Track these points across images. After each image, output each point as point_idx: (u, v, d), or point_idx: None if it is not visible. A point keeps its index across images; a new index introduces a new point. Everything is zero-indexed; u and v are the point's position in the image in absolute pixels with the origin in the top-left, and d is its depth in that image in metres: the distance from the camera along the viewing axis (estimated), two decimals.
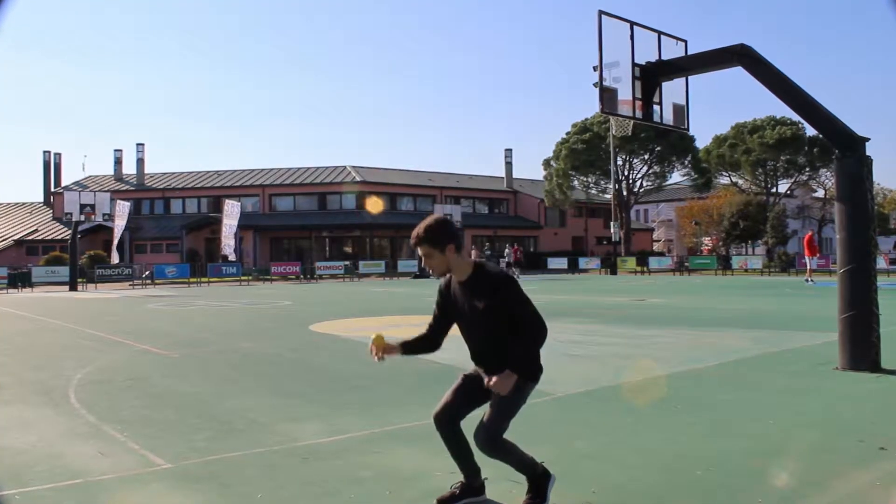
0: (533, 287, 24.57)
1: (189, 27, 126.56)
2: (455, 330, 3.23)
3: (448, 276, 3.16)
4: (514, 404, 3.02)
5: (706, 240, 50.58)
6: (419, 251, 3.08)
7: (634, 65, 7.75)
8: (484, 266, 3.07)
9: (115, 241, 36.01)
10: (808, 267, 24.00)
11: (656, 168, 48.18)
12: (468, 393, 3.15)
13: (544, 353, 3.03)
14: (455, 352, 3.26)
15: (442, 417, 3.15)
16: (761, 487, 3.43)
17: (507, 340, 2.97)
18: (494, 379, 2.91)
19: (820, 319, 10.98)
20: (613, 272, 38.25)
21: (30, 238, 48.01)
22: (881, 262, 26.71)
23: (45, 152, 57.52)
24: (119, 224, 35.14)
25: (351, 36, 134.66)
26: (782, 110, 48.59)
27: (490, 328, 3.01)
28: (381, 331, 3.35)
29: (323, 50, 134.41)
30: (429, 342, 3.26)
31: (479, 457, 3.12)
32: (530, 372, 2.99)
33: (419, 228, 3.07)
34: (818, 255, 24.82)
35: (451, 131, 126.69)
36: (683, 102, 8.43)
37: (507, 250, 37.49)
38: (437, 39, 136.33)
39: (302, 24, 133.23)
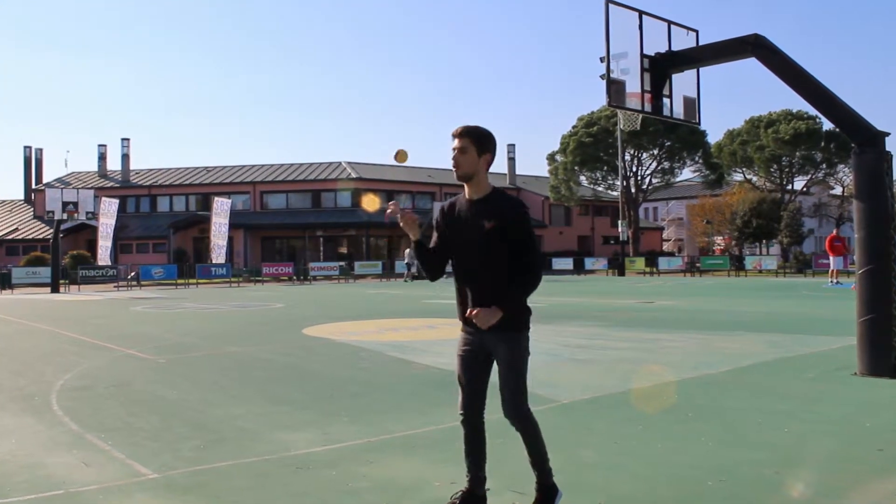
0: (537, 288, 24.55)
1: (177, 16, 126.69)
2: (449, 333, 3.22)
3: (456, 198, 3.15)
4: (523, 360, 3.04)
5: (718, 239, 50.64)
6: (456, 143, 3.03)
7: (643, 56, 7.75)
8: (503, 191, 3.10)
9: (101, 241, 35.96)
10: (833, 268, 23.84)
11: (666, 164, 48.21)
12: (471, 370, 3.12)
13: (547, 358, 3.03)
14: (453, 357, 3.25)
15: (465, 408, 3.11)
16: (776, 499, 3.42)
17: (504, 275, 2.97)
18: (478, 310, 2.89)
19: (838, 322, 10.98)
20: (621, 273, 38.25)
21: (10, 237, 48.03)
22: None
23: (25, 147, 57.52)
24: (107, 223, 35.12)
25: (346, 26, 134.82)
26: (798, 104, 48.69)
27: (493, 253, 2.99)
28: (378, 334, 3.33)
29: (317, 41, 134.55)
30: (437, 259, 3.18)
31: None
32: (524, 320, 3.02)
33: (464, 125, 3.05)
34: (845, 254, 24.39)
35: (450, 125, 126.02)
36: (695, 95, 8.42)
37: None
38: (435, 29, 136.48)
39: (295, 14, 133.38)
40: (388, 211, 3.13)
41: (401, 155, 3.15)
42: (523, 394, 3.05)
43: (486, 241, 2.98)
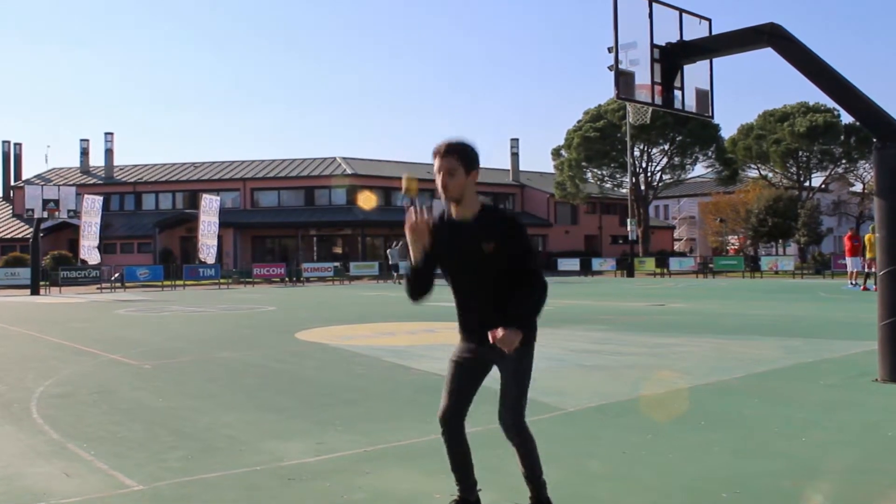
0: None
1: (162, 5, 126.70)
2: (449, 337, 3.22)
3: (441, 212, 3.09)
4: (528, 372, 3.06)
5: (732, 239, 50.61)
6: (442, 163, 2.97)
7: (653, 46, 7.75)
8: (492, 205, 3.07)
9: (83, 241, 35.90)
10: (850, 269, 23.74)
11: (677, 160, 48.19)
12: (465, 377, 3.14)
13: (553, 364, 3.05)
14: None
15: (449, 416, 3.12)
16: None
17: (506, 292, 2.99)
18: (500, 332, 2.85)
19: (858, 326, 10.98)
20: (630, 274, 38.27)
21: None
22: None
23: (3, 142, 57.54)
24: (89, 222, 35.09)
25: (341, 14, 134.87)
26: (815, 96, 48.74)
27: (495, 275, 2.99)
28: (374, 339, 3.33)
29: (309, 30, 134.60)
30: (425, 281, 3.12)
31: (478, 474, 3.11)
32: (532, 333, 3.03)
33: (448, 140, 2.99)
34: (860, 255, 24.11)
35: (451, 119, 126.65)
36: (707, 87, 8.42)
37: None
38: (435, 18, 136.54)
39: (286, 2, 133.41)
40: (408, 194, 3.08)
41: (410, 184, 3.10)
42: (524, 406, 3.09)
43: (488, 264, 2.98)
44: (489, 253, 2.96)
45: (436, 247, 3.05)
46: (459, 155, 2.98)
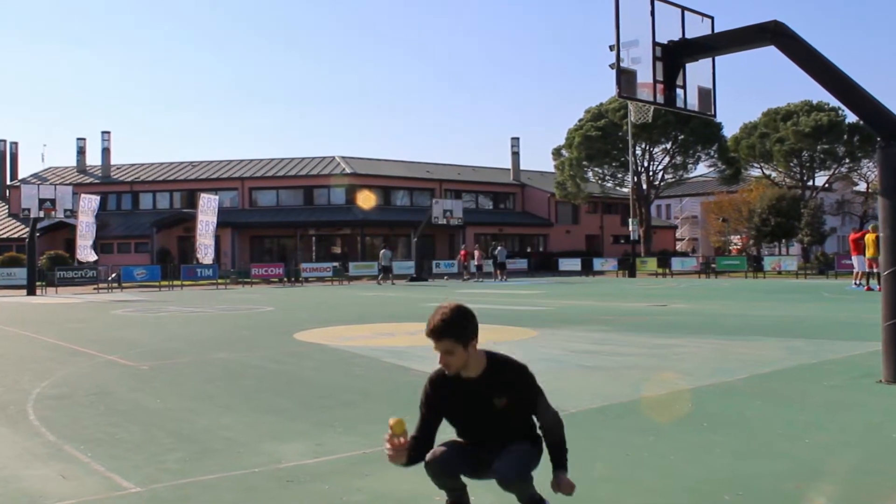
0: (542, 291, 24.59)
1: (160, 3, 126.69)
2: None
3: (443, 372, 3.06)
4: (536, 457, 3.16)
5: (735, 238, 50.66)
6: (437, 346, 2.96)
7: (655, 44, 7.74)
8: (496, 356, 3.07)
9: (80, 241, 35.92)
10: (857, 269, 23.58)
11: (679, 159, 48.23)
12: (471, 461, 3.12)
13: (553, 365, 3.08)
14: None
15: (443, 468, 3.06)
16: None
17: (520, 428, 3.09)
18: (565, 488, 3.08)
19: (862, 326, 10.98)
20: (632, 274, 38.30)
21: None
22: None
23: None
24: (86, 221, 35.10)
25: (340, 15, 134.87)
26: (819, 94, 48.69)
27: (512, 425, 3.07)
28: (374, 339, 3.31)
29: (308, 28, 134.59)
30: (423, 451, 3.09)
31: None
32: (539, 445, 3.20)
33: (440, 320, 2.92)
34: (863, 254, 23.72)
35: (451, 118, 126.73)
36: (710, 85, 8.42)
37: (499, 248, 37.48)
38: (435, 17, 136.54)
39: (287, 1, 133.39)
40: (390, 454, 2.99)
41: (397, 428, 2.96)
42: (530, 472, 3.12)
43: (504, 417, 3.04)
44: (502, 408, 3.01)
45: (441, 406, 3.11)
46: (454, 336, 2.93)
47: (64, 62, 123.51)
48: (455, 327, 2.93)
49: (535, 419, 3.15)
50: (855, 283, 23.14)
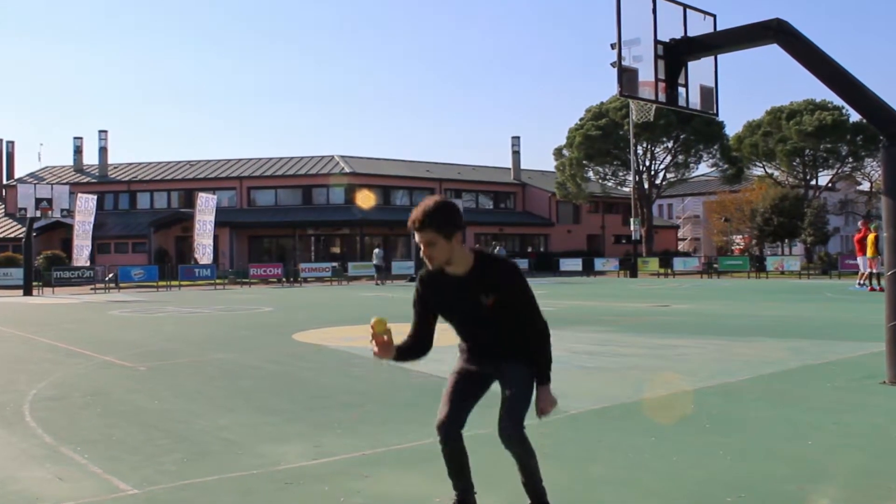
0: (543, 291, 24.59)
1: (160, 1, 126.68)
2: (451, 338, 3.23)
3: (433, 271, 3.13)
4: (531, 387, 3.12)
5: (737, 238, 50.66)
6: (418, 238, 3.00)
7: (657, 42, 7.75)
8: (485, 254, 3.10)
9: (77, 241, 35.95)
10: (862, 270, 23.46)
11: (681, 158, 48.23)
12: (466, 388, 3.19)
13: (555, 366, 3.08)
14: (453, 365, 3.26)
15: (447, 424, 3.14)
16: None
17: (515, 330, 3.05)
18: (545, 408, 3.05)
19: (866, 327, 10.98)
20: (633, 275, 38.28)
21: None
22: None
23: None
24: (83, 221, 35.10)
25: (339, 10, 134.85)
26: (822, 93, 48.67)
27: (502, 323, 3.05)
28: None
29: (308, 26, 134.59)
30: (418, 348, 3.25)
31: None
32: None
33: (421, 211, 2.98)
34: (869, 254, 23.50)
35: (451, 117, 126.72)
36: (712, 84, 8.43)
37: (498, 248, 37.47)
38: (435, 14, 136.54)
39: None
40: (374, 351, 3.12)
41: (379, 327, 3.10)
42: (523, 418, 3.11)
43: (493, 314, 3.05)
44: (489, 305, 3.02)
45: (432, 302, 3.15)
46: (435, 226, 2.95)
47: (61, 60, 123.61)
48: (437, 219, 2.94)
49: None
50: (859, 284, 23.08)
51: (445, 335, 3.40)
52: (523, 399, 3.08)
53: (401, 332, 3.28)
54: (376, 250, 34.74)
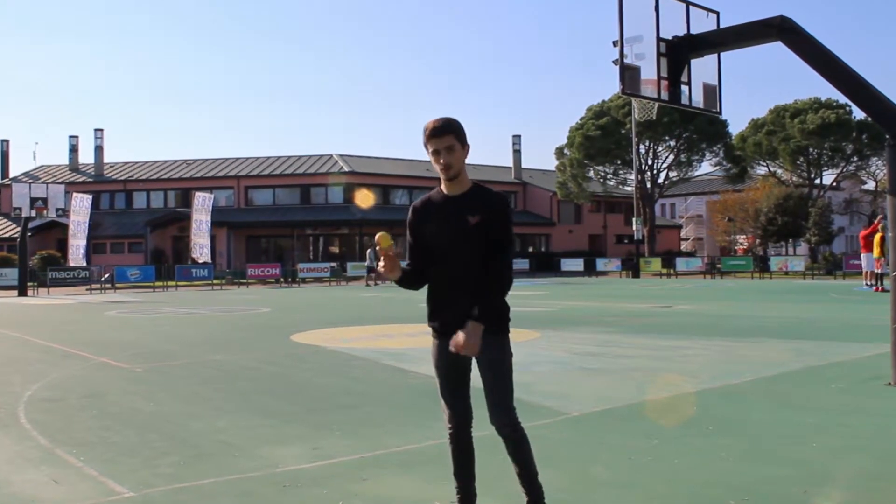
0: (544, 292, 24.59)
1: None
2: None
3: (429, 194, 3.24)
4: (508, 363, 3.12)
5: (741, 238, 50.64)
6: (441, 143, 3.07)
7: (660, 40, 7.75)
8: (482, 185, 3.20)
9: (72, 241, 35.96)
10: (865, 269, 23.40)
11: (683, 157, 48.23)
12: (453, 381, 3.20)
13: (556, 367, 3.07)
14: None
15: (456, 424, 3.18)
16: None
17: (483, 271, 3.03)
18: (461, 339, 2.94)
19: (871, 328, 10.99)
20: (636, 275, 38.30)
21: None
22: None
23: None
24: (79, 221, 35.10)
25: (337, 8, 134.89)
26: (827, 91, 48.72)
27: (476, 248, 3.06)
28: (372, 341, 3.33)
29: (305, 23, 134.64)
30: (418, 276, 3.29)
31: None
32: (504, 322, 3.11)
33: (438, 119, 3.09)
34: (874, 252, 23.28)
35: (451, 115, 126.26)
36: (715, 82, 8.43)
37: None
38: (434, 13, 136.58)
39: None
40: (381, 268, 3.16)
41: (383, 241, 3.16)
42: (510, 399, 3.11)
43: (470, 236, 3.07)
44: (473, 225, 3.04)
45: (420, 227, 3.20)
46: (455, 132, 3.10)
47: (56, 58, 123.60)
48: (454, 125, 3.10)
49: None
50: (866, 284, 23.03)
51: None
52: (506, 379, 3.10)
53: (399, 333, 3.27)
54: (370, 250, 34.71)
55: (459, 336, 2.95)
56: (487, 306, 2.99)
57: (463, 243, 3.07)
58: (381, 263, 3.14)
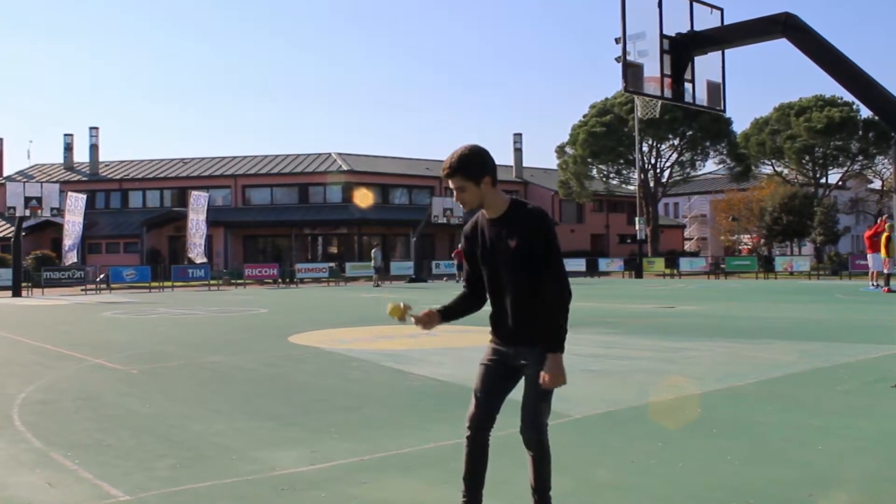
0: None
1: None
2: (450, 340, 3.22)
3: (476, 217, 3.27)
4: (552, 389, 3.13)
5: (745, 238, 50.67)
6: (450, 184, 3.17)
7: (663, 37, 7.76)
8: (520, 201, 3.19)
9: (67, 240, 35.99)
10: (872, 269, 23.32)
11: (687, 155, 48.26)
12: (493, 383, 3.21)
13: None
14: (453, 367, 3.28)
15: (476, 423, 3.20)
16: None
17: (537, 290, 3.06)
18: (546, 376, 2.99)
19: (878, 329, 10.98)
20: (639, 275, 38.29)
21: None
22: None
23: None
24: (73, 220, 35.12)
25: (337, 8, 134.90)
26: (832, 89, 48.66)
27: (522, 271, 3.08)
28: (371, 342, 3.34)
29: (304, 21, 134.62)
30: (472, 298, 3.34)
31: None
32: (561, 341, 3.09)
33: (453, 157, 3.14)
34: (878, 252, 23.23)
35: (451, 113, 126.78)
36: (719, 80, 8.44)
37: None
38: (435, 9, 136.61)
39: None
40: (395, 316, 3.26)
41: (395, 312, 3.22)
42: (545, 417, 3.14)
43: (514, 261, 3.08)
44: (514, 248, 3.06)
45: (474, 250, 3.24)
46: (463, 172, 3.12)
47: (50, 55, 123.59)
48: (465, 165, 3.12)
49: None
50: (873, 285, 23.00)
51: (443, 338, 3.39)
52: (546, 400, 3.12)
53: (399, 334, 3.28)
54: (374, 251, 34.69)
55: (545, 376, 3.00)
56: (556, 329, 3.03)
57: (509, 266, 3.10)
58: (418, 325, 3.26)
